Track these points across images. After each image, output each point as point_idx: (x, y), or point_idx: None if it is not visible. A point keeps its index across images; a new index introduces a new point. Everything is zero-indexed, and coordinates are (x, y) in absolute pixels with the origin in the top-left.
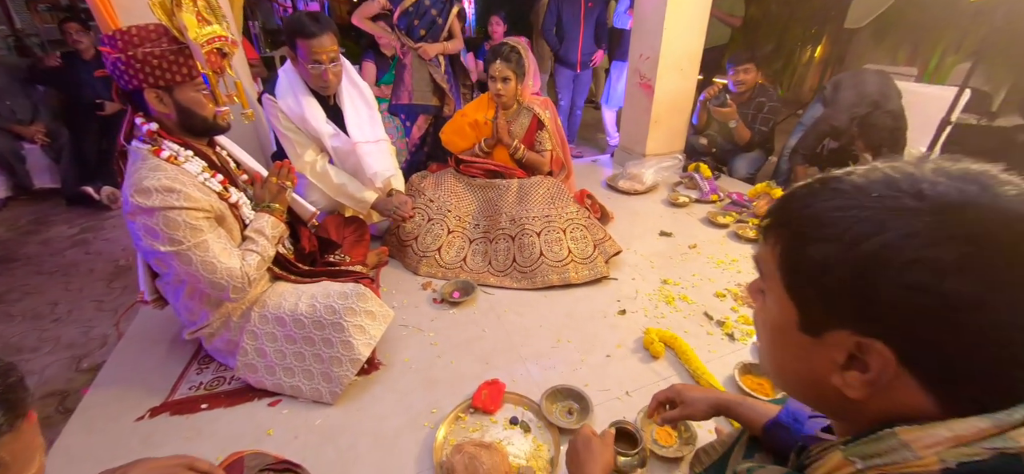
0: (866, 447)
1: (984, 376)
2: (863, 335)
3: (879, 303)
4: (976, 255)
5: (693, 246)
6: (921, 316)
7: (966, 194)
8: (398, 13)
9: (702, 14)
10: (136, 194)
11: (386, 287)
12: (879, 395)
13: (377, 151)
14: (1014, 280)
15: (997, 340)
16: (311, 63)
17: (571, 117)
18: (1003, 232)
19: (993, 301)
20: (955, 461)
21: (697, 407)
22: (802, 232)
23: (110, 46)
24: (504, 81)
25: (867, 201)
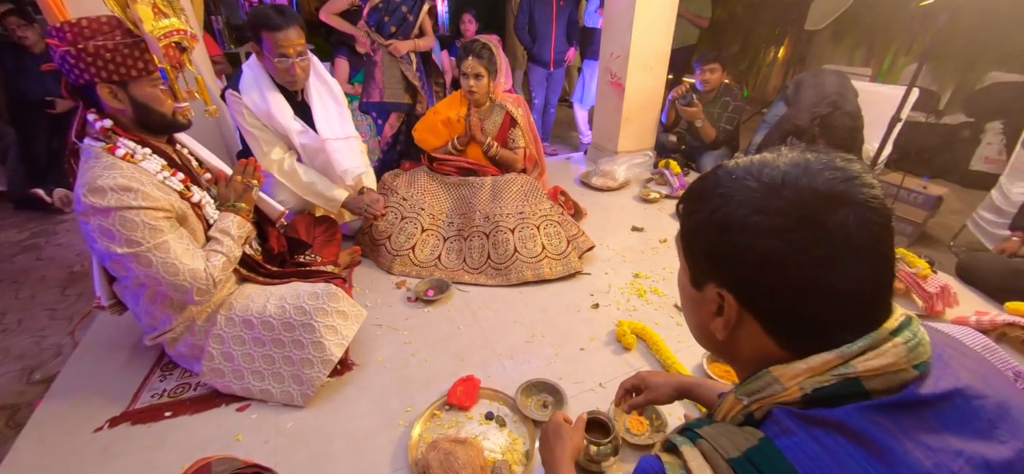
0: (750, 386)
1: (803, 321)
2: (719, 286)
3: (726, 258)
4: (784, 223)
5: (664, 241)
6: (751, 269)
7: (788, 176)
8: (367, 9)
9: (669, 14)
10: (89, 193)
11: (359, 287)
12: (738, 338)
13: (347, 148)
14: (811, 244)
15: (803, 293)
16: (277, 57)
17: (545, 115)
18: (807, 206)
19: (795, 261)
20: (811, 387)
21: (661, 391)
22: (689, 205)
23: (58, 39)
24: (476, 78)
25: (729, 181)
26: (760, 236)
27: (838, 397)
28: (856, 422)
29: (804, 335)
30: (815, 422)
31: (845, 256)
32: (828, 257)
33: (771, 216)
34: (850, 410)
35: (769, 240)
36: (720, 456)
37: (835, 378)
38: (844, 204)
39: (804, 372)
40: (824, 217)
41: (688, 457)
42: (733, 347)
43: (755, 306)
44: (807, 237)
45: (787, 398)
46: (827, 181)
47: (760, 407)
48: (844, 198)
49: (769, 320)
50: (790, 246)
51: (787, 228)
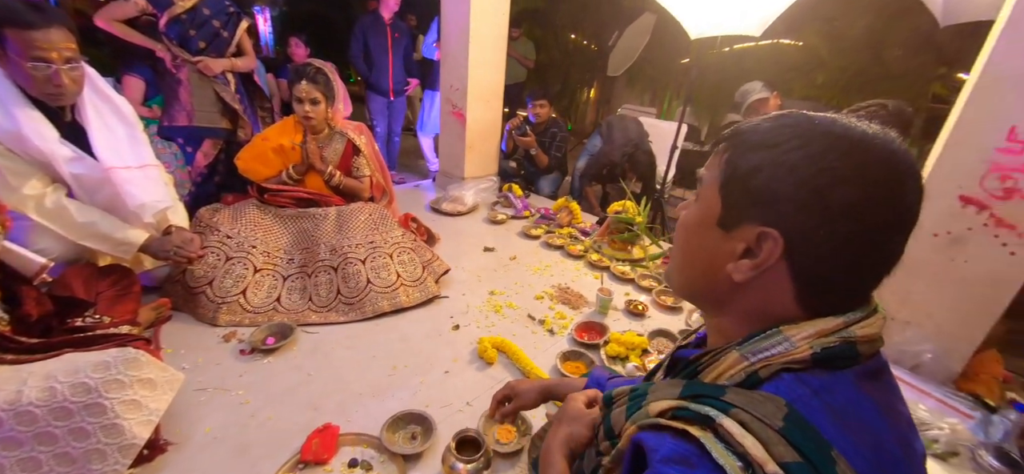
0: (757, 344)
1: (839, 276)
2: (765, 225)
3: (785, 198)
4: (870, 176)
5: (513, 257)
6: (811, 211)
7: (875, 138)
8: (166, 19)
9: (499, 54)
10: None
11: (171, 347)
12: (754, 285)
13: (143, 178)
14: (887, 203)
15: (857, 247)
16: (31, 61)
17: (389, 144)
18: (892, 168)
19: (863, 213)
20: (820, 347)
21: (528, 397)
22: (748, 141)
23: None
24: (313, 103)
25: (798, 127)
26: (844, 183)
27: (837, 359)
28: (855, 389)
29: (831, 295)
30: (825, 390)
31: (903, 224)
32: (892, 222)
33: (856, 168)
34: (849, 378)
35: (852, 189)
36: (768, 427)
37: (838, 340)
38: (913, 177)
39: (814, 333)
40: (902, 183)
41: (731, 429)
42: (737, 295)
43: (803, 254)
44: (887, 195)
45: (797, 357)
46: (905, 153)
47: (768, 367)
48: (914, 172)
49: (806, 273)
50: (870, 200)
51: (872, 182)
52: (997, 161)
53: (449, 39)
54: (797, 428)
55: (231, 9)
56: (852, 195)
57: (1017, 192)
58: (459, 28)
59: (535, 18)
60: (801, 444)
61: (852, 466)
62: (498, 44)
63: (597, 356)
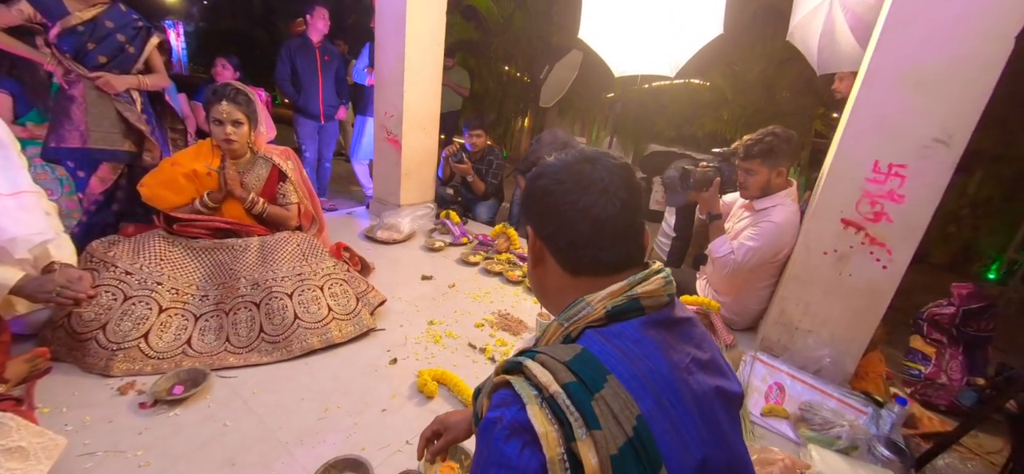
0: (568, 313)
1: (583, 255)
2: (529, 226)
3: (531, 204)
4: (557, 172)
5: (452, 285)
6: (541, 209)
7: (569, 151)
8: (58, 30)
9: (435, 82)
10: None
11: (48, 406)
12: (543, 271)
13: (16, 208)
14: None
15: (572, 223)
16: None
17: (320, 169)
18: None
19: (561, 193)
20: (611, 305)
21: (460, 428)
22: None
23: None
24: (235, 125)
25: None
26: (542, 178)
27: (626, 312)
28: (640, 332)
29: (586, 271)
30: (615, 335)
31: (599, 193)
32: (586, 191)
33: (552, 169)
34: (635, 324)
35: (547, 181)
36: (556, 361)
37: (626, 299)
38: (595, 161)
39: (606, 296)
40: (581, 167)
41: (531, 368)
42: (546, 285)
43: (548, 240)
44: (570, 179)
45: (594, 317)
46: (585, 151)
47: (575, 327)
48: (594, 158)
49: (559, 254)
50: (560, 184)
51: (558, 175)
52: (867, 189)
53: (384, 66)
54: (581, 361)
55: (139, 23)
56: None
57: (884, 215)
58: (394, 55)
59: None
60: (580, 370)
61: (622, 383)
62: (434, 72)
63: None
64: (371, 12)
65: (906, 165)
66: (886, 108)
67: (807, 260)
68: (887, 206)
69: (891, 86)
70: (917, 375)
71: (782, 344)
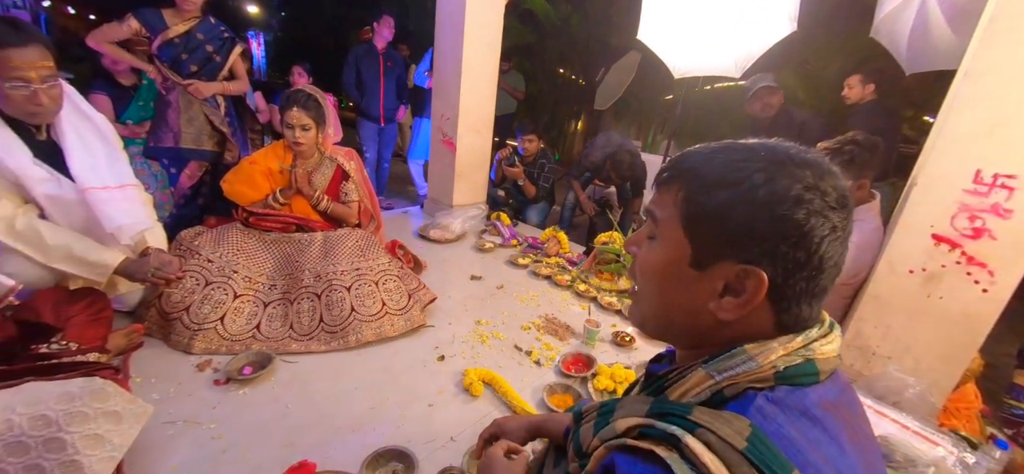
0: (722, 363)
1: (812, 298)
2: (746, 263)
3: (766, 236)
4: (831, 201)
5: (500, 287)
6: (792, 245)
7: (823, 162)
8: (159, 43)
9: (491, 85)
10: None
11: (140, 376)
12: (744, 316)
13: (122, 199)
14: (843, 223)
15: (822, 269)
16: (9, 81)
17: (379, 170)
18: (841, 190)
19: (835, 237)
20: (783, 365)
21: (516, 435)
22: (706, 180)
23: None
24: (303, 128)
25: (756, 158)
26: (818, 214)
27: (799, 376)
28: (818, 411)
29: (800, 314)
30: (792, 410)
31: (845, 240)
32: (844, 237)
33: (822, 195)
34: (812, 397)
35: (825, 219)
36: (731, 447)
37: (801, 358)
38: (849, 196)
39: (780, 354)
40: (846, 202)
41: (694, 448)
42: (722, 329)
43: (784, 285)
44: (842, 217)
45: (760, 376)
46: (838, 173)
47: (734, 385)
48: (847, 191)
49: (786, 301)
50: (831, 223)
51: (831, 208)
52: (965, 202)
53: (442, 69)
54: (760, 448)
55: (226, 34)
56: (826, 224)
57: (986, 232)
58: (453, 59)
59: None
60: (763, 465)
61: None
62: (490, 76)
63: (585, 389)
64: (434, 18)
65: (1015, 176)
66: (995, 111)
67: (889, 278)
68: (990, 221)
69: (1004, 85)
70: (1020, 415)
71: (856, 370)
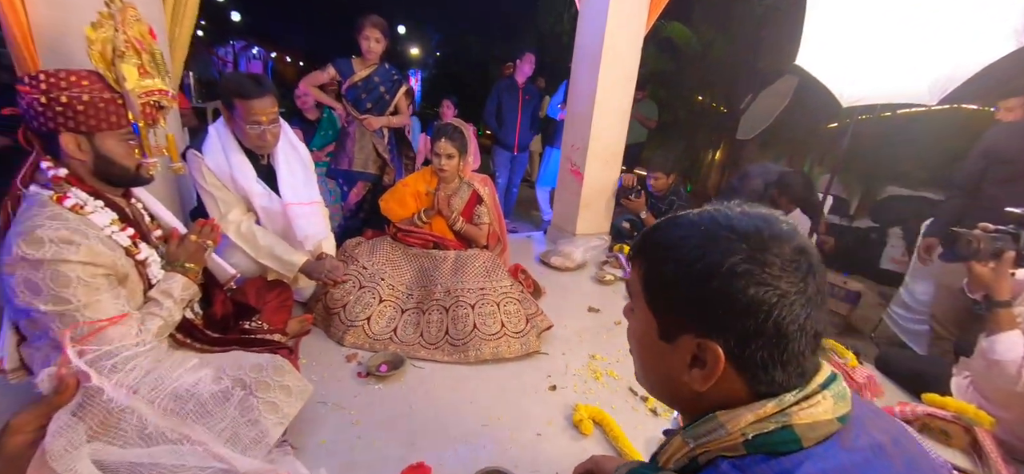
0: (696, 429)
1: (783, 364)
2: (701, 336)
3: (708, 309)
4: (775, 271)
5: (618, 322)
6: (738, 316)
7: (763, 228)
8: (347, 85)
9: (623, 117)
10: (25, 243)
11: (306, 358)
12: (715, 386)
13: (310, 213)
14: (795, 289)
15: (783, 336)
16: (250, 123)
17: (508, 194)
18: (787, 256)
19: (782, 307)
20: (752, 434)
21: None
22: (654, 256)
23: (31, 86)
24: (448, 158)
25: (697, 232)
26: (753, 282)
27: (775, 444)
28: None
29: (775, 375)
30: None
31: (813, 302)
32: (805, 301)
33: (760, 265)
34: (796, 467)
35: (761, 287)
36: None
37: (775, 425)
38: (809, 256)
39: (750, 420)
40: (800, 266)
41: None
42: (703, 397)
43: (742, 353)
44: (792, 282)
45: (729, 444)
46: (792, 235)
47: (706, 453)
48: (808, 252)
49: (751, 367)
50: (779, 291)
51: (777, 276)
52: None
53: (575, 101)
54: None
55: (395, 76)
56: (772, 292)
57: None
58: (587, 92)
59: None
60: None
61: None
62: (622, 108)
63: None
64: (571, 52)
65: None
66: None
67: None
68: None
69: None
70: None
71: None
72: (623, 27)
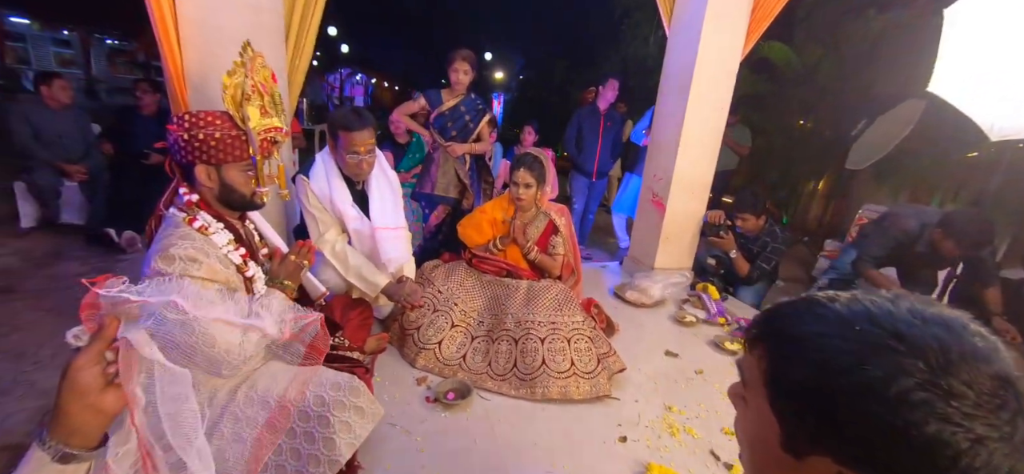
0: None
1: None
2: (844, 465)
3: (861, 437)
4: (953, 410)
5: (699, 371)
6: (904, 457)
7: (942, 341)
8: (435, 114)
9: (714, 144)
10: (160, 259)
11: (379, 377)
12: None
13: (395, 238)
14: (986, 434)
15: None
16: (350, 153)
17: (584, 220)
18: (979, 382)
19: (975, 455)
20: None
21: None
22: (787, 352)
23: (177, 125)
24: (526, 187)
25: (850, 333)
26: (934, 418)
27: None
28: None
29: None
30: None
31: (1021, 451)
32: (1010, 450)
33: (945, 397)
34: None
35: (947, 425)
36: None
37: None
38: (1017, 387)
39: None
40: (1005, 402)
41: None
42: None
43: None
44: (992, 424)
45: None
46: (991, 355)
47: None
48: (1013, 382)
49: None
50: (972, 434)
51: (969, 414)
52: None
53: (661, 129)
54: None
55: (480, 106)
56: (964, 436)
57: None
58: (673, 121)
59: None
60: None
61: None
62: (712, 139)
63: None
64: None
65: None
66: None
67: None
68: None
69: None
70: None
71: None
72: (717, 53)
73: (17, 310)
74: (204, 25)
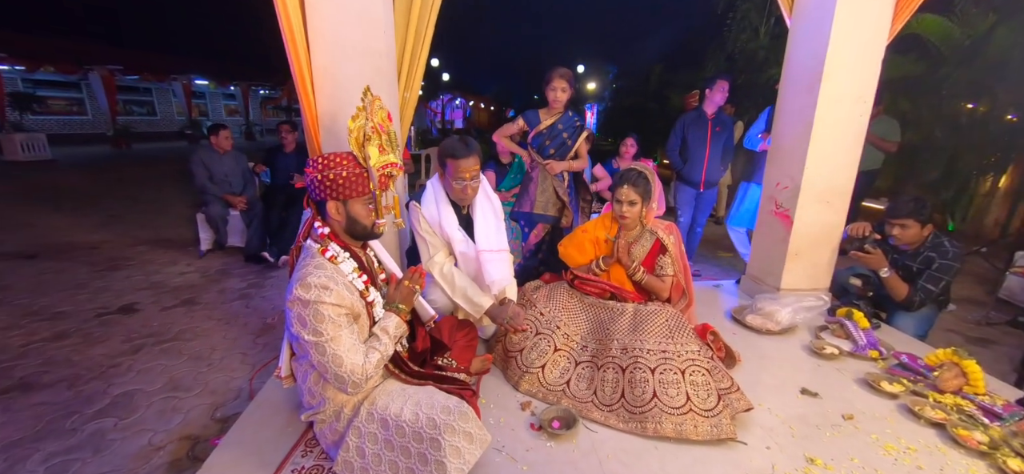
0: None
1: None
2: None
3: None
4: None
5: (849, 417)
6: None
7: None
8: (533, 134)
9: (855, 144)
10: (300, 286)
11: (484, 398)
12: None
13: (498, 260)
14: None
15: None
16: (456, 180)
17: (691, 234)
18: None
19: None
20: None
21: None
22: None
23: (312, 168)
24: (630, 204)
25: None
26: None
27: None
28: None
29: None
30: None
31: None
32: None
33: None
34: None
35: None
36: None
37: None
38: None
39: None
40: None
41: None
42: None
43: None
44: None
45: None
46: None
47: None
48: None
49: None
50: None
51: None
52: None
53: (784, 132)
54: None
55: (578, 123)
56: None
57: None
58: (800, 121)
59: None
60: None
61: None
62: (851, 141)
63: None
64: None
65: None
66: None
67: None
68: None
69: None
70: None
71: None
72: (855, 35)
73: (198, 319)
74: (333, 74)
